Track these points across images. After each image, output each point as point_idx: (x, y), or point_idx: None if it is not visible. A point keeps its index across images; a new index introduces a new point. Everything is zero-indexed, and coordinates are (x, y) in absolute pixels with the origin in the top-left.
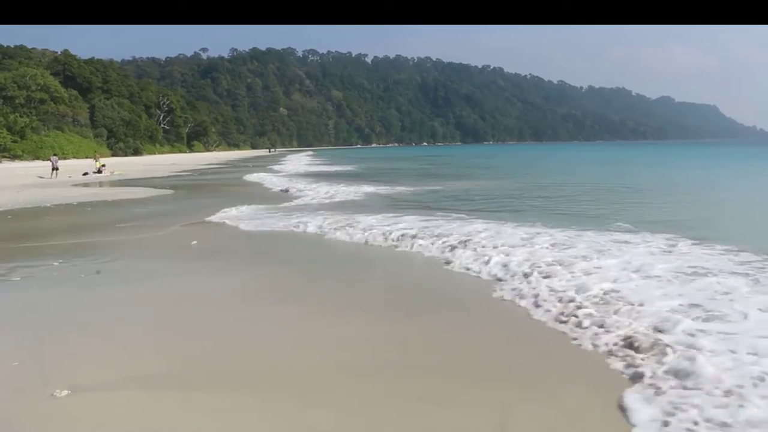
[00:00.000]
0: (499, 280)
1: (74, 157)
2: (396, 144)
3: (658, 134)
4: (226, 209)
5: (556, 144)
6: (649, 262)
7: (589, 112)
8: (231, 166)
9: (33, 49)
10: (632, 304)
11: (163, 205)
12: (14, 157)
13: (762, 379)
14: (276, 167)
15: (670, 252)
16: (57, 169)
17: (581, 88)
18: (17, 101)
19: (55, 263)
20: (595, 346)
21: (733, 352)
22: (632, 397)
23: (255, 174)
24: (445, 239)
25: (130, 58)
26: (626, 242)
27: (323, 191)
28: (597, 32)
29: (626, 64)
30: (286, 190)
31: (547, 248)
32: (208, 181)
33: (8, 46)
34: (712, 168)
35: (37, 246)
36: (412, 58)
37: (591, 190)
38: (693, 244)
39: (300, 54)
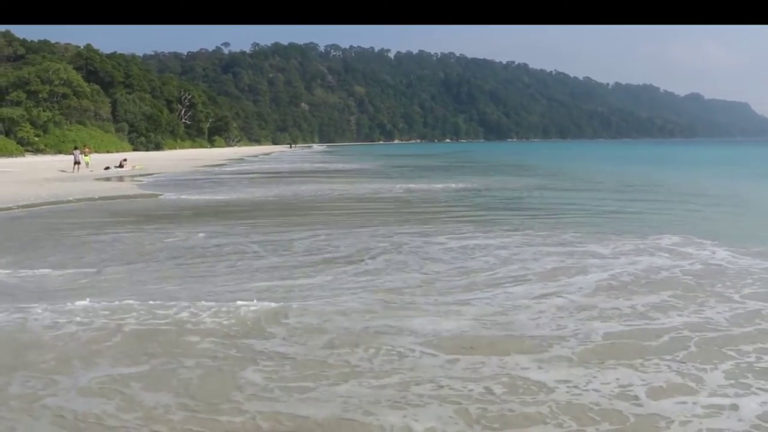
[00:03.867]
0: None
1: (96, 152)
2: (418, 140)
3: (687, 132)
4: None
5: (583, 142)
6: None
7: (616, 110)
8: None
9: (56, 43)
10: None
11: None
12: (37, 151)
13: None
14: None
15: None
16: (78, 163)
17: (608, 84)
18: (40, 95)
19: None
20: None
21: None
22: None
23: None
24: None
25: (152, 53)
26: None
27: None
28: (624, 28)
29: (654, 60)
30: None
31: None
32: None
33: (32, 41)
34: None
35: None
36: (436, 53)
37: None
38: None
39: (322, 49)
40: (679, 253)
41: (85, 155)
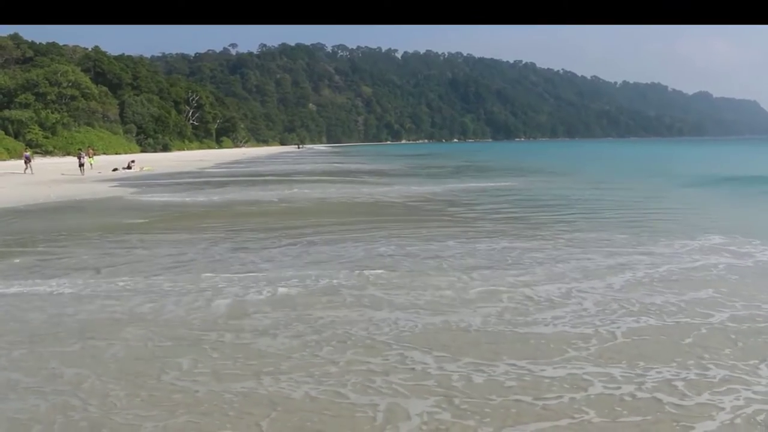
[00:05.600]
0: None
1: (104, 153)
2: (426, 140)
3: (695, 131)
4: None
5: (591, 141)
6: None
7: (624, 108)
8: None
9: (64, 45)
10: None
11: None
12: (46, 152)
13: None
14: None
15: None
16: (83, 165)
17: (615, 83)
18: (49, 97)
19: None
20: None
21: None
22: None
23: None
24: None
25: (160, 54)
26: None
27: None
28: (631, 27)
29: (663, 58)
30: None
31: None
32: None
33: (40, 43)
34: None
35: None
36: (443, 53)
37: None
38: None
39: (329, 49)
40: (730, 252)
41: (90, 156)
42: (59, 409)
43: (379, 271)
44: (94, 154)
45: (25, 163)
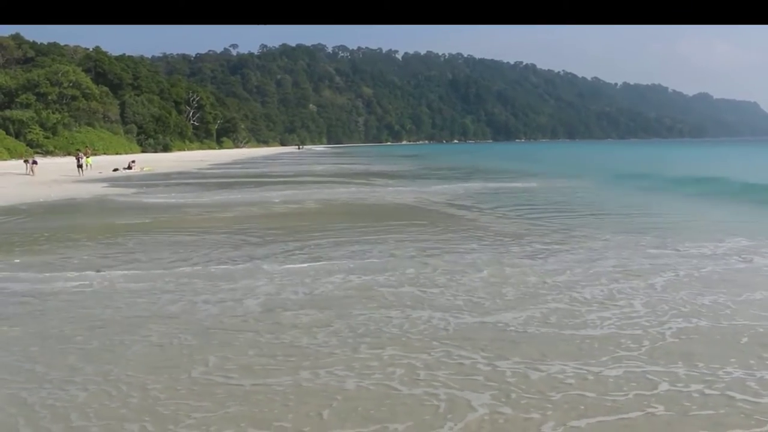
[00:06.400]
0: None
1: (105, 153)
2: (426, 141)
3: (695, 132)
4: None
5: (592, 142)
6: None
7: (624, 110)
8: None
9: (65, 45)
10: None
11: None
12: (46, 152)
13: None
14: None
15: None
16: (81, 165)
17: (616, 84)
18: (50, 98)
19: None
20: None
21: None
22: None
23: None
24: None
25: (161, 55)
26: None
27: None
28: (632, 27)
29: (663, 59)
30: None
31: None
32: None
33: (41, 43)
34: None
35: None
36: (443, 54)
37: None
38: None
39: (330, 50)
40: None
41: (87, 156)
42: (100, 398)
43: (411, 270)
44: (92, 155)
45: (32, 164)
